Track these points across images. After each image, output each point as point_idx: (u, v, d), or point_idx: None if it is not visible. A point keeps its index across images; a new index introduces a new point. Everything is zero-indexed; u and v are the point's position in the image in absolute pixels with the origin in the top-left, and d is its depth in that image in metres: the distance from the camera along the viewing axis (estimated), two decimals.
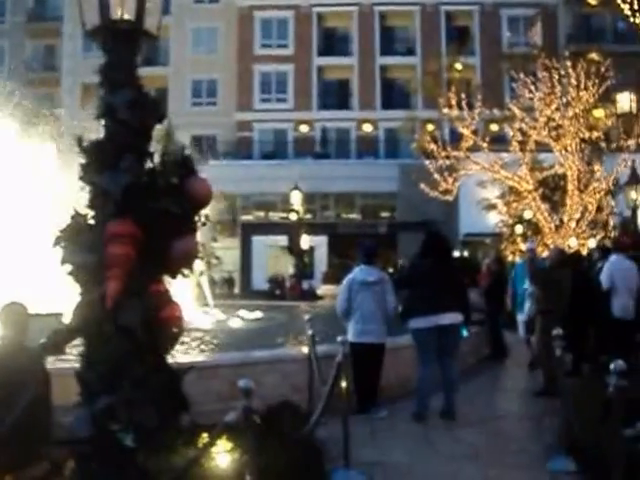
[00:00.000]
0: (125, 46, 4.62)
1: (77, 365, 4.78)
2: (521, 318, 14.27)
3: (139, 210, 4.34)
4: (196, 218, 4.56)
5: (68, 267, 4.56)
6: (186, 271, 4.62)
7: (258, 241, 44.76)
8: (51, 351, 5.37)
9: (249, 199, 46.96)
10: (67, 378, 5.02)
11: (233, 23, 52.24)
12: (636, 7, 14.46)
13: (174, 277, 4.63)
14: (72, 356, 5.15)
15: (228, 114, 50.92)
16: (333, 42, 53.06)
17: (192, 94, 51.75)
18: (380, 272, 10.51)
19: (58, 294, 5.75)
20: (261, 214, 47.62)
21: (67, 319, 4.94)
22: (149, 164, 4.58)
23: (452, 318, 9.51)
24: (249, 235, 45.79)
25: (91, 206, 4.57)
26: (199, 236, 4.60)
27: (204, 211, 4.60)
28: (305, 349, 9.45)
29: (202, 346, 11.93)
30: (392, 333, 10.50)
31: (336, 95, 52.46)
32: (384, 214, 48.03)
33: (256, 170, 45.38)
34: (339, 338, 7.61)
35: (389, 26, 52.95)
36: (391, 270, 33.20)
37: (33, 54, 52.74)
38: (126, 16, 4.49)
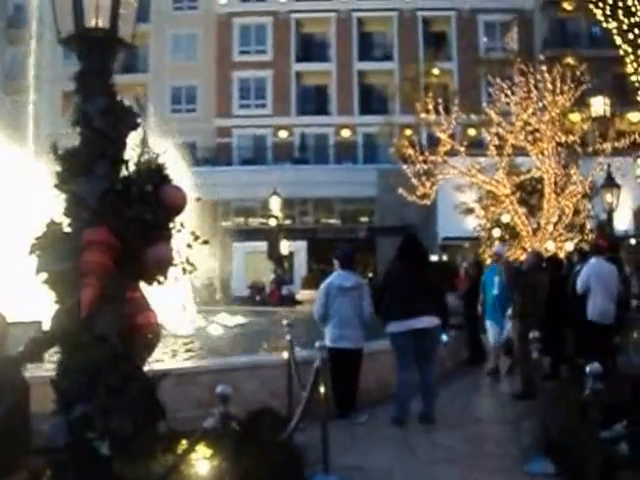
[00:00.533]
0: (100, 54, 4.61)
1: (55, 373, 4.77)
2: (490, 325, 14.12)
3: (114, 217, 4.34)
4: (171, 225, 4.57)
5: (43, 275, 4.55)
6: (161, 278, 4.62)
7: (238, 247, 44.69)
8: (29, 359, 5.36)
9: (228, 205, 46.90)
10: (46, 386, 5.01)
11: (212, 30, 52.22)
12: (608, 12, 14.61)
13: (150, 284, 4.63)
14: (51, 364, 5.14)
15: (207, 120, 50.88)
16: (311, 48, 53.19)
17: (171, 101, 51.59)
18: (357, 277, 10.53)
19: (37, 302, 5.75)
20: (241, 220, 47.58)
21: (46, 327, 4.94)
22: (124, 172, 4.59)
23: (428, 322, 9.54)
24: (229, 241, 45.74)
25: (66, 214, 4.57)
26: (175, 243, 4.60)
27: (179, 218, 4.61)
28: (284, 355, 9.46)
29: (182, 352, 11.92)
30: (371, 338, 10.54)
31: (314, 101, 52.61)
32: (363, 219, 48.12)
33: (235, 176, 45.34)
34: (317, 344, 7.63)
35: (367, 32, 53.13)
36: (370, 275, 33.28)
37: (12, 60, 52.39)
38: (101, 24, 4.49)
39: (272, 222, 34.89)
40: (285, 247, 35.92)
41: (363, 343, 10.13)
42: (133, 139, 4.67)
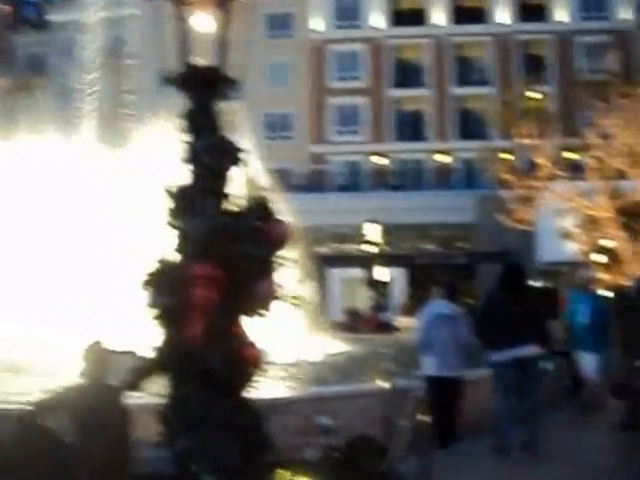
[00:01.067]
0: (207, 93, 4.72)
1: (159, 403, 4.86)
2: (582, 355, 13.03)
3: (221, 253, 4.42)
4: (275, 259, 4.63)
5: (154, 310, 4.66)
6: (264, 312, 4.67)
7: (333, 273, 44.75)
8: (130, 389, 5.49)
9: (324, 232, 47.06)
10: (148, 414, 5.09)
11: (306, 56, 52.71)
12: None
13: (253, 318, 4.68)
14: (154, 393, 5.24)
15: (302, 147, 51.26)
16: (407, 73, 53.06)
17: (266, 127, 52.01)
18: (456, 306, 10.46)
19: (138, 331, 5.91)
20: (336, 246, 47.65)
21: (147, 357, 5.05)
22: (229, 206, 4.67)
23: (529, 351, 9.39)
24: (324, 268, 45.79)
25: (177, 249, 4.68)
26: (280, 277, 4.66)
27: (283, 252, 4.66)
28: (382, 383, 9.42)
29: (281, 380, 11.96)
30: (473, 365, 10.42)
31: (411, 126, 52.43)
32: (461, 245, 47.64)
33: (331, 202, 45.50)
34: (416, 372, 7.60)
35: (463, 56, 52.76)
36: (470, 302, 32.85)
37: (114, 90, 53.76)
38: (207, 63, 4.58)
39: (369, 248, 34.83)
40: (382, 274, 35.78)
41: (463, 371, 10.03)
42: (237, 173, 4.74)
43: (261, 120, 51.50)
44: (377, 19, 52.81)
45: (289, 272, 4.73)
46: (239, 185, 4.71)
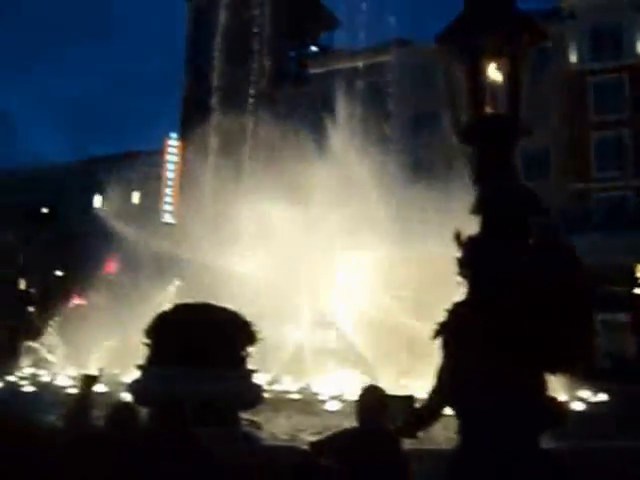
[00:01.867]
0: (501, 142, 4.69)
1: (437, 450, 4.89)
2: None
3: (511, 304, 4.34)
4: (580, 311, 4.50)
5: (442, 357, 4.68)
6: (567, 370, 4.55)
7: (596, 317, 42.78)
8: (406, 434, 5.52)
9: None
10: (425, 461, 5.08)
11: (564, 90, 51.33)
12: None
13: (553, 374, 4.57)
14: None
15: (562, 184, 49.75)
16: None
17: (524, 165, 50.83)
18: None
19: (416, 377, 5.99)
20: (600, 289, 45.49)
21: (425, 403, 5.07)
22: (523, 255, 4.60)
23: None
24: None
25: (468, 299, 4.68)
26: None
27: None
28: None
29: None
30: None
31: None
32: None
33: (594, 242, 43.68)
34: None
35: None
36: None
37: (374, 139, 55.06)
38: (500, 113, 4.55)
39: (637, 290, 33.04)
40: None
41: None
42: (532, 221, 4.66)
43: (519, 158, 50.54)
44: (639, 45, 50.50)
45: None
46: (535, 234, 4.62)
